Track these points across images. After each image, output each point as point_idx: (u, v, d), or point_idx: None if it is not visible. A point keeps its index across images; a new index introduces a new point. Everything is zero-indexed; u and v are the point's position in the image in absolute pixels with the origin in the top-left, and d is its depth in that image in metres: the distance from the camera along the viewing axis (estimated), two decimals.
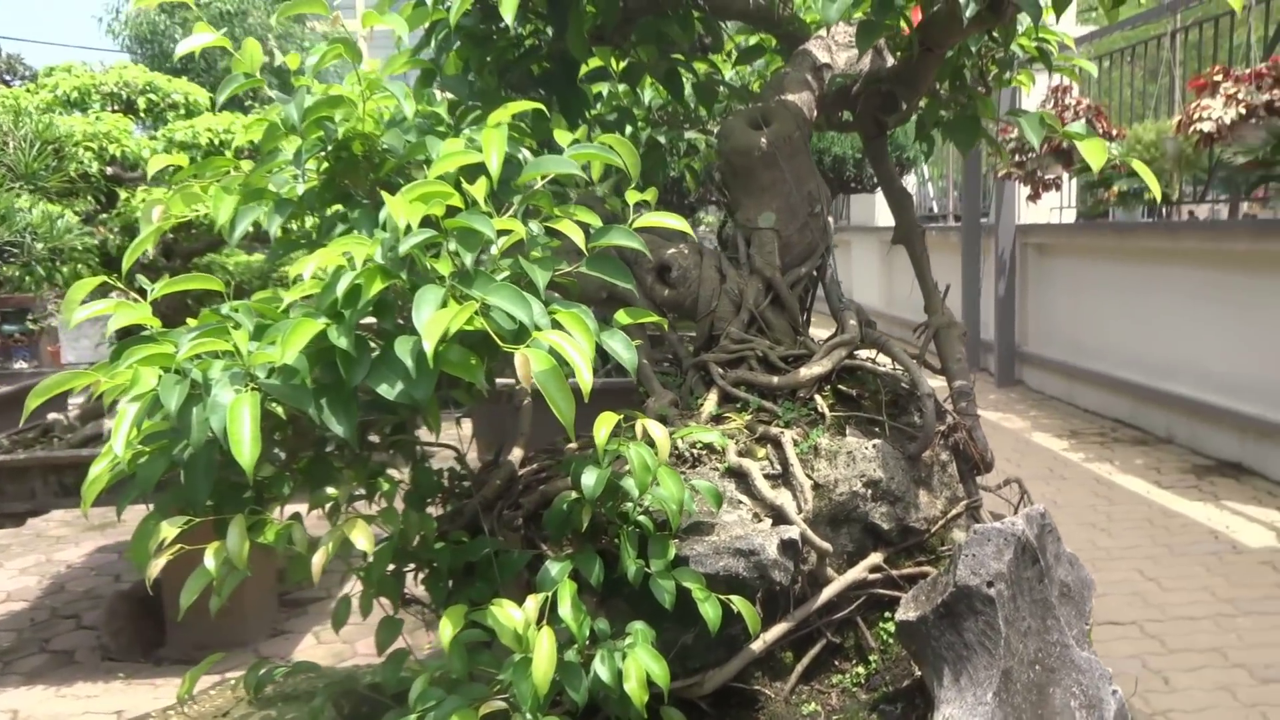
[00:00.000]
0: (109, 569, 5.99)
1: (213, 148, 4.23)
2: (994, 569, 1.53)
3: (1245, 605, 4.63)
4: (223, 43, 1.72)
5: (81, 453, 4.34)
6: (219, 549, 1.42)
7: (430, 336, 1.18)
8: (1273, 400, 6.45)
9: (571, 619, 1.44)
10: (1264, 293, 6.52)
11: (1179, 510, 6.00)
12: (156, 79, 4.38)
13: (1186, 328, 7.27)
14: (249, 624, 5.10)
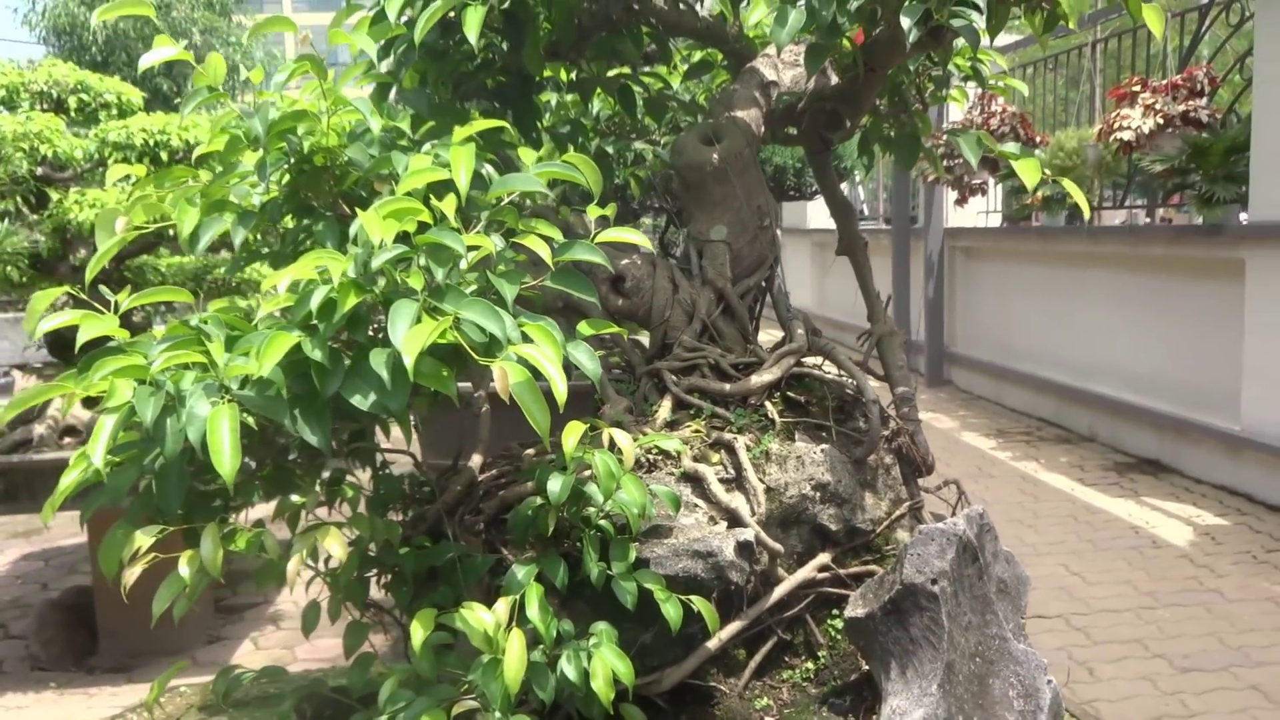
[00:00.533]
0: (35, 577, 5.87)
1: (148, 148, 4.19)
2: (937, 567, 1.63)
3: (1165, 598, 4.85)
4: (185, 56, 1.73)
5: (12, 459, 4.28)
6: (193, 557, 1.45)
7: (409, 351, 1.23)
8: (1188, 400, 6.74)
9: (539, 620, 1.49)
10: (1180, 295, 6.81)
11: (1102, 506, 6.24)
12: (88, 78, 4.32)
13: (1107, 329, 7.54)
14: (185, 632, 5.05)
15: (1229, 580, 5.03)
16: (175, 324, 1.52)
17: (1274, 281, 5.91)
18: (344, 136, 1.68)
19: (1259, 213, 6.10)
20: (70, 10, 11.13)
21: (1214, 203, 6.48)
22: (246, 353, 1.37)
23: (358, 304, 1.33)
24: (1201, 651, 4.29)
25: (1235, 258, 6.25)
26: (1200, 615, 4.68)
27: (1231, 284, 6.29)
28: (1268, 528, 5.67)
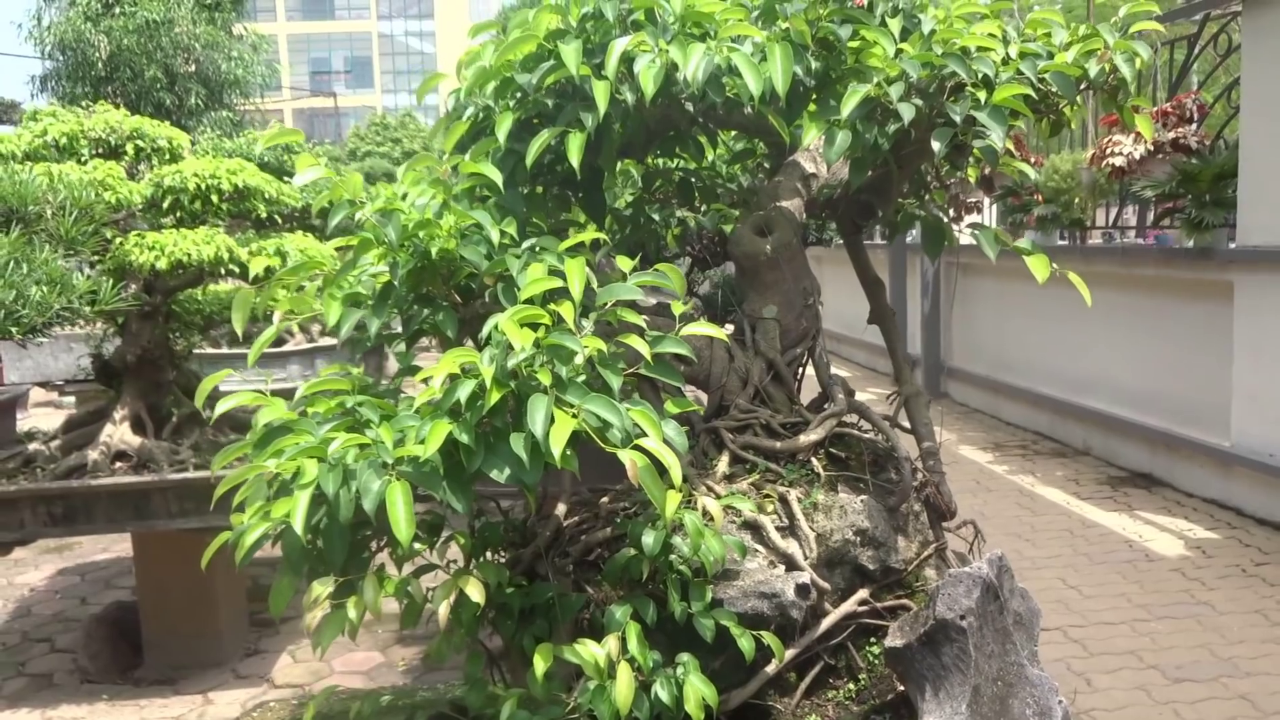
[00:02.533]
0: (73, 592, 6.18)
1: (200, 192, 4.50)
2: (965, 605, 1.97)
3: (1158, 610, 5.20)
4: (328, 174, 2.06)
5: (71, 484, 4.59)
6: (358, 601, 1.78)
7: (557, 443, 1.56)
8: (1179, 416, 7.11)
9: (638, 652, 1.83)
10: (1171, 315, 7.18)
11: (1096, 520, 6.60)
12: (143, 124, 4.63)
13: (1101, 346, 7.91)
14: (224, 644, 5.37)
15: (1219, 593, 5.38)
16: (332, 404, 1.85)
17: (1261, 303, 6.27)
18: (456, 237, 2.01)
19: (1247, 238, 6.46)
20: (76, 27, 11.37)
21: (1203, 227, 6.85)
22: (402, 431, 1.70)
23: (500, 397, 1.66)
24: (1193, 662, 4.64)
25: (1224, 280, 6.61)
26: (1192, 627, 5.02)
27: (1220, 305, 6.65)
28: (1256, 541, 6.04)
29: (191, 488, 4.60)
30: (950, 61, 1.99)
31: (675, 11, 1.99)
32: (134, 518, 4.64)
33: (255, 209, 4.82)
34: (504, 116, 2.06)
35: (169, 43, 11.63)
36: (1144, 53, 2.07)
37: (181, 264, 4.43)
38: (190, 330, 5.14)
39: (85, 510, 4.63)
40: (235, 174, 4.60)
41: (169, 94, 11.96)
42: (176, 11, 11.62)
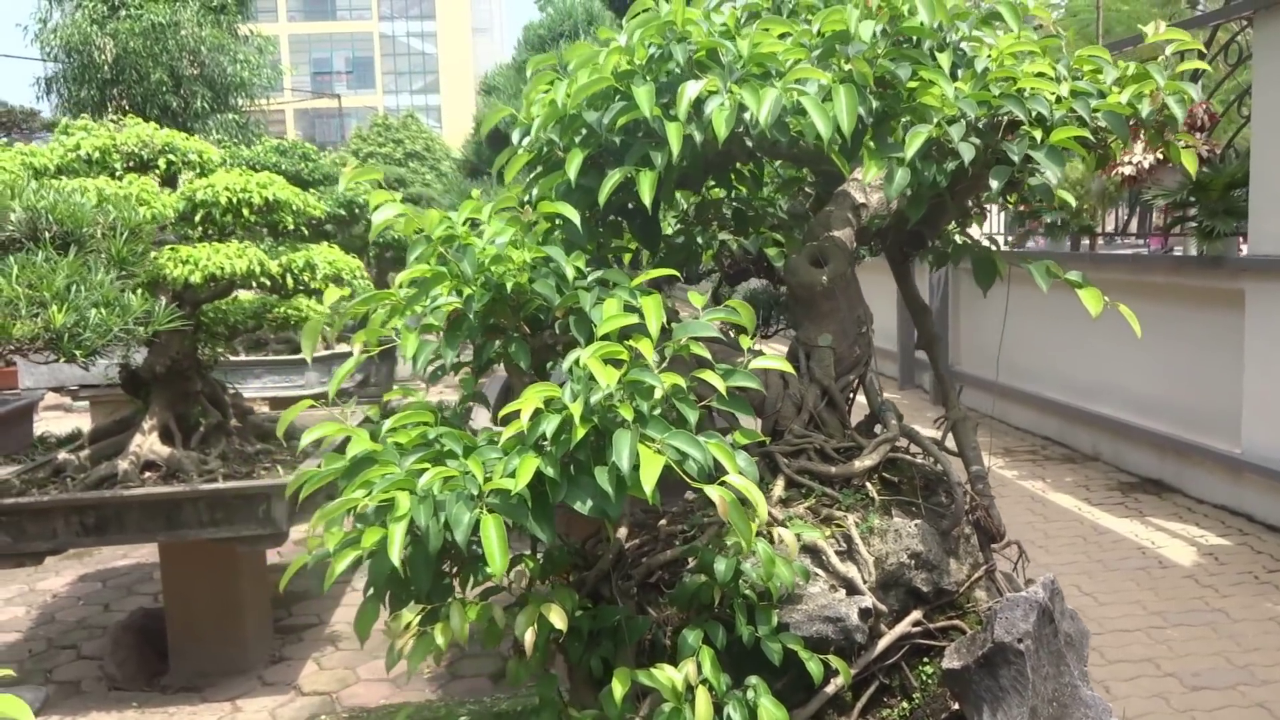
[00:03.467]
0: (95, 598, 6.24)
1: (232, 205, 4.56)
2: (1022, 629, 2.05)
3: (1173, 618, 5.29)
4: (405, 211, 2.13)
5: (104, 494, 4.65)
6: (445, 627, 1.85)
7: (648, 481, 1.64)
8: (1189, 422, 7.20)
9: (712, 675, 1.90)
10: (1181, 322, 7.27)
11: (1109, 527, 6.68)
12: (174, 138, 4.69)
13: (1111, 352, 7.99)
14: (249, 652, 5.44)
15: (1233, 600, 5.46)
16: (415, 435, 1.92)
17: (1273, 311, 6.36)
18: (528, 270, 2.08)
19: (1258, 247, 6.55)
20: (82, 29, 11.40)
21: (1214, 235, 6.94)
22: (485, 464, 1.78)
23: (585, 432, 1.74)
24: (1210, 670, 4.72)
25: (1235, 288, 6.70)
26: (1207, 635, 5.10)
27: (1231, 313, 6.74)
28: (1268, 548, 6.13)
29: (222, 498, 4.67)
30: (1007, 102, 2.06)
31: (743, 54, 2.07)
32: (165, 528, 4.70)
33: (283, 221, 4.88)
34: (574, 154, 2.13)
35: (175, 45, 11.64)
36: (1194, 93, 2.14)
37: (214, 277, 4.50)
38: (216, 340, 5.21)
39: (117, 520, 4.69)
40: (265, 187, 4.67)
41: (175, 97, 12.01)
42: (182, 14, 11.64)
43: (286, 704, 4.95)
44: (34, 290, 2.65)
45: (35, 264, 2.74)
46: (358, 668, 5.31)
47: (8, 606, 6.14)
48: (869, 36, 2.07)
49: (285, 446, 5.47)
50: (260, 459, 5.22)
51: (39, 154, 4.64)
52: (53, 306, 2.59)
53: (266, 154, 6.88)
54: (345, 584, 6.41)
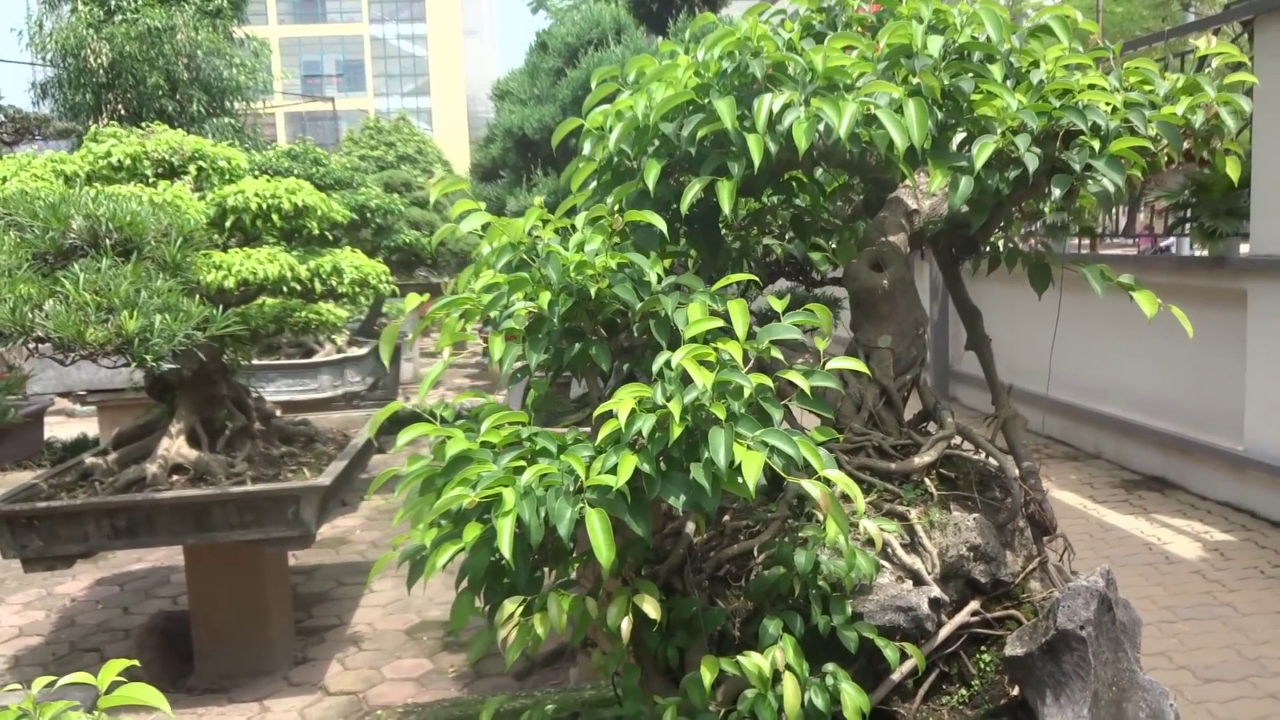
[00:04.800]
0: (114, 601, 6.30)
1: (262, 211, 4.64)
2: (1084, 616, 2.15)
3: (1183, 612, 5.43)
4: (488, 218, 2.22)
5: (136, 497, 4.72)
6: (544, 617, 1.94)
7: (750, 477, 1.73)
8: (1192, 421, 7.35)
9: (795, 663, 2.00)
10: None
11: (1114, 524, 6.82)
12: (203, 145, 4.76)
13: (1114, 352, 8.14)
14: (274, 653, 5.52)
15: (1240, 595, 5.60)
16: (507, 433, 2.02)
17: (1274, 311, 6.51)
18: (609, 276, 2.17)
19: (1260, 247, 6.70)
20: (78, 33, 11.41)
21: (1216, 236, 7.08)
22: (593, 463, 1.88)
23: (684, 431, 1.83)
24: (1221, 663, 4.86)
25: (1238, 288, 6.85)
26: (1216, 629, 5.24)
27: (1234, 312, 6.88)
28: (1272, 544, 6.27)
29: (251, 500, 4.74)
30: (1068, 113, 2.17)
31: (818, 69, 2.17)
32: (195, 530, 4.77)
33: (309, 227, 4.96)
34: (651, 164, 2.23)
35: (170, 49, 11.66)
36: (1246, 106, 2.26)
37: (246, 282, 4.58)
38: (242, 345, 5.28)
39: (148, 523, 4.76)
40: (294, 193, 4.75)
41: (170, 101, 12.02)
42: (178, 18, 11.66)
43: (314, 704, 5.03)
44: (101, 296, 2.73)
45: (100, 270, 2.81)
46: (382, 667, 5.39)
47: (27, 610, 6.18)
48: (937, 51, 2.18)
49: (310, 449, 5.55)
50: (285, 462, 5.30)
51: (69, 161, 4.71)
52: (123, 313, 2.66)
53: (279, 159, 6.94)
54: (363, 585, 6.49)
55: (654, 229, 2.29)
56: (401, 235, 9.66)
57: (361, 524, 7.59)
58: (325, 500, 4.97)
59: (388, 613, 6.07)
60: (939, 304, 10.02)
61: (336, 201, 5.30)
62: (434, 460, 2.10)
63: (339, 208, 5.22)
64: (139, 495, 4.68)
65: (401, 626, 5.86)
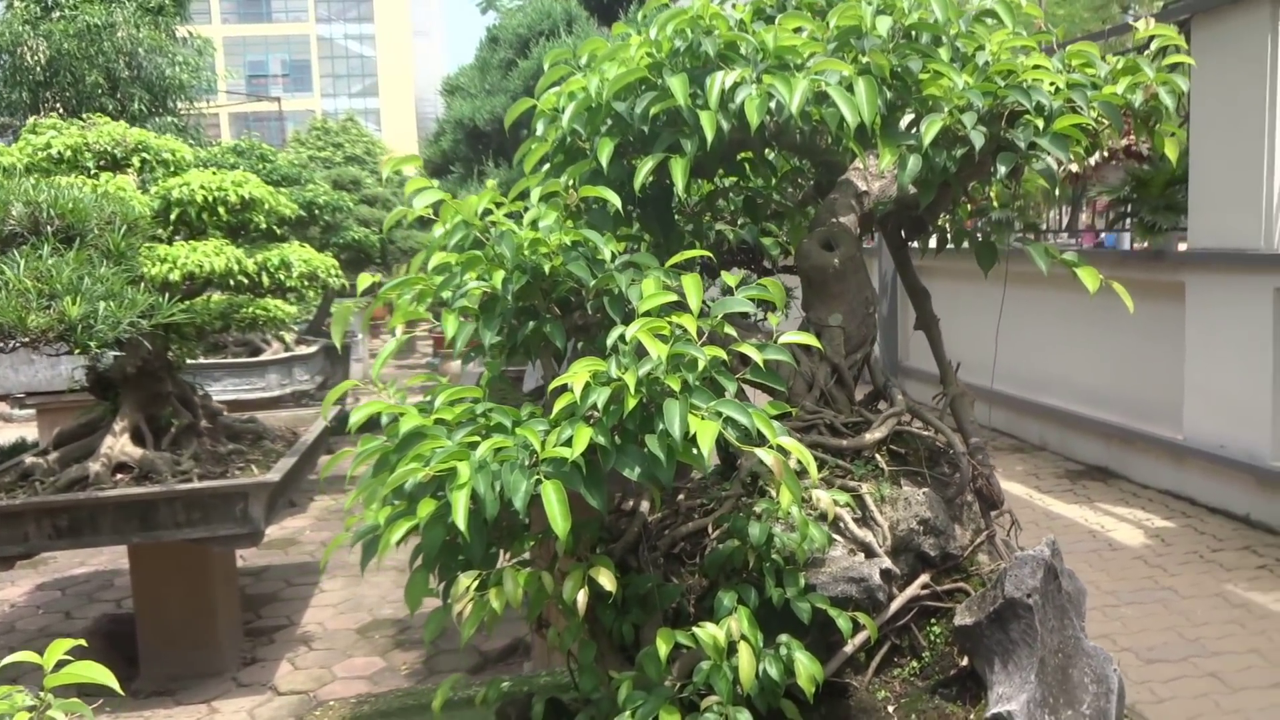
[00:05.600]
0: (55, 606, 6.18)
1: (208, 204, 4.58)
2: (1030, 585, 2.20)
3: (1126, 596, 5.55)
4: (444, 196, 2.22)
5: (78, 496, 4.63)
6: (499, 592, 1.94)
7: (705, 445, 1.75)
8: (1132, 411, 7.51)
9: (750, 634, 2.02)
10: (1124, 315, 7.57)
11: (1060, 513, 6.96)
12: (147, 138, 4.69)
13: (1057, 345, 8.30)
14: (222, 654, 5.45)
15: (1181, 579, 5.75)
16: (462, 409, 2.02)
17: (1211, 303, 6.68)
18: (562, 254, 2.18)
19: (1197, 241, 6.87)
20: (14, 30, 11.17)
21: (1155, 230, 7.25)
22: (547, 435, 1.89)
23: (639, 403, 1.85)
24: (1163, 644, 4.98)
25: (1176, 281, 7.01)
26: (1158, 611, 5.37)
27: (1172, 305, 7.05)
28: (1210, 529, 6.44)
29: (199, 498, 4.68)
30: (1013, 92, 2.22)
31: (769, 47, 2.20)
32: (140, 529, 4.70)
33: (255, 220, 4.91)
34: (604, 143, 2.24)
35: (111, 47, 11.46)
36: (1184, 85, 2.33)
37: (193, 275, 4.52)
38: (187, 341, 5.20)
39: (91, 522, 4.67)
40: (241, 186, 4.69)
41: (111, 100, 11.81)
42: (119, 15, 11.46)
43: (264, 704, 4.97)
44: (42, 283, 2.68)
45: (40, 257, 2.76)
46: (333, 666, 5.34)
47: None
48: (885, 31, 2.22)
49: (258, 446, 5.48)
50: (233, 459, 5.23)
51: (6, 153, 4.61)
52: (65, 299, 2.62)
53: (224, 155, 6.85)
54: (313, 585, 6.43)
55: (608, 207, 2.31)
56: (350, 232, 9.58)
57: (311, 524, 7.52)
58: (274, 497, 4.91)
59: (339, 612, 6.02)
60: (888, 299, 10.13)
61: (285, 197, 5.24)
62: (388, 439, 2.09)
63: (287, 201, 5.17)
64: (81, 494, 4.60)
65: (353, 625, 5.81)
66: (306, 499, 8.01)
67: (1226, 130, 6.54)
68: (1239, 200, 6.44)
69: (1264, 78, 6.24)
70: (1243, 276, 6.39)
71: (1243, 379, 6.42)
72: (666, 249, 2.62)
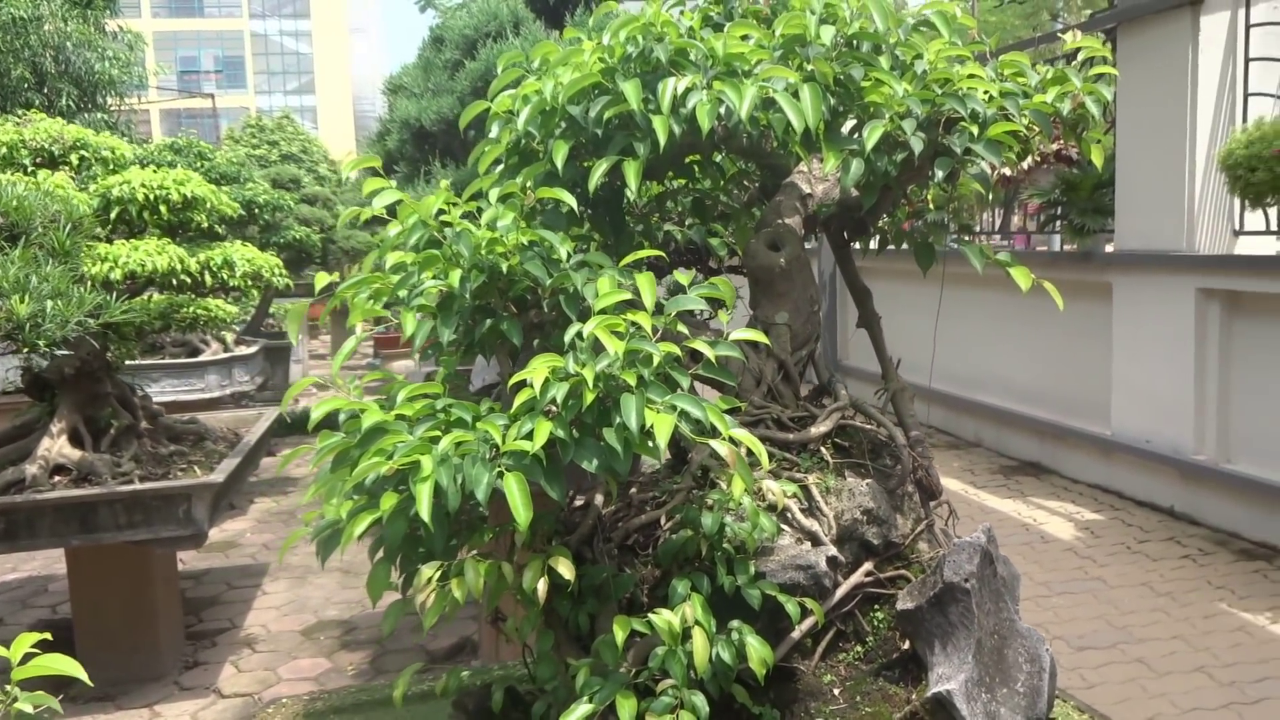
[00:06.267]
0: None
1: (149, 202, 4.57)
2: (967, 570, 2.32)
3: (1057, 587, 5.75)
4: (404, 197, 2.27)
5: (15, 499, 4.58)
6: (460, 582, 2.00)
7: (662, 436, 1.83)
8: (1064, 408, 7.75)
9: (703, 619, 2.11)
10: (1056, 315, 7.82)
11: (994, 507, 7.16)
12: (85, 134, 4.66)
13: (991, 345, 8.53)
14: (162, 658, 5.41)
15: (1109, 569, 5.96)
16: (423, 405, 2.08)
17: (1137, 303, 6.93)
18: (519, 253, 2.25)
19: (1123, 242, 7.12)
20: None
21: (1084, 232, 7.49)
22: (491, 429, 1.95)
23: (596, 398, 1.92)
24: (1093, 632, 5.17)
25: (1104, 281, 7.26)
26: (1088, 601, 5.57)
27: (1101, 304, 7.30)
28: (1137, 521, 6.68)
29: (141, 499, 4.65)
30: (949, 100, 2.34)
31: (718, 54, 2.29)
32: (80, 531, 4.65)
33: (196, 220, 4.89)
34: (559, 145, 2.31)
35: (37, 40, 11.25)
36: (1108, 94, 2.46)
37: (134, 274, 4.50)
38: (127, 341, 5.16)
39: (28, 525, 4.62)
40: (183, 184, 4.68)
41: (38, 95, 11.59)
42: (45, 8, 11.25)
43: (208, 707, 4.96)
44: None
45: None
46: (278, 668, 5.33)
47: None
48: (829, 40, 2.33)
49: (199, 447, 5.46)
50: (175, 460, 5.21)
51: None
52: (13, 297, 2.62)
53: (161, 152, 6.78)
54: (256, 588, 6.40)
55: (562, 208, 2.38)
56: (291, 231, 9.50)
57: (252, 526, 7.47)
58: (218, 498, 4.90)
59: (282, 614, 6.00)
60: (827, 299, 10.31)
61: (227, 196, 5.23)
62: (347, 435, 2.14)
63: (229, 200, 5.16)
64: (18, 497, 4.55)
65: (297, 627, 5.80)
66: (247, 501, 7.95)
67: (1150, 135, 6.79)
68: (1162, 203, 6.69)
69: (1185, 85, 6.49)
70: (1166, 277, 6.64)
71: (1167, 376, 6.67)
72: (617, 249, 2.70)
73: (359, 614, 5.80)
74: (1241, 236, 6.57)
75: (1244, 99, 6.44)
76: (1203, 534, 6.37)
